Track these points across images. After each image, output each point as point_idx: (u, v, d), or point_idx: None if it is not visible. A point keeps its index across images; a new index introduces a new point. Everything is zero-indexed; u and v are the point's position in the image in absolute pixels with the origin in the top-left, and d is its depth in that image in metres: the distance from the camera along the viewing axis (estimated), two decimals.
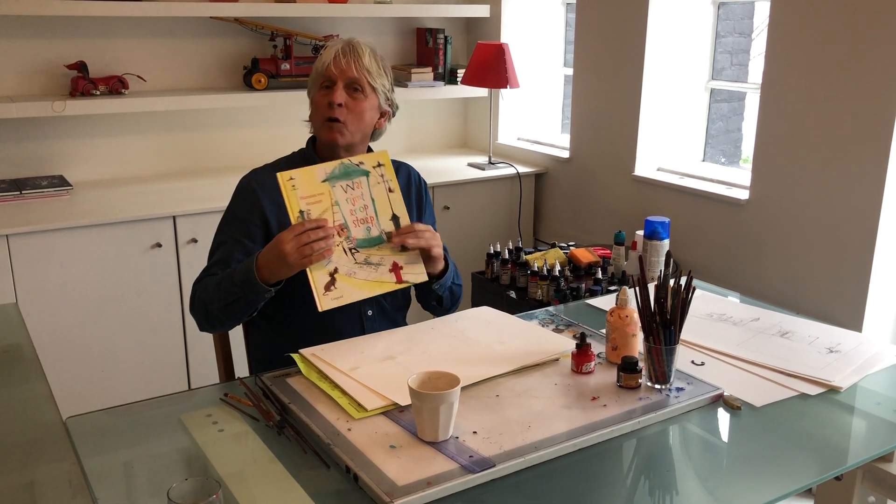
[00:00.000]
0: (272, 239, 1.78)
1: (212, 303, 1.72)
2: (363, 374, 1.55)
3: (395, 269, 1.66)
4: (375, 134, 1.92)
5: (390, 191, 1.72)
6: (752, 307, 2.00)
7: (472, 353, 1.66)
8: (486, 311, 1.89)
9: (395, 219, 1.70)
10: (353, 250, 1.66)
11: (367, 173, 1.71)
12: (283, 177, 1.63)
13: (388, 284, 1.66)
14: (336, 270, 1.63)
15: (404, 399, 1.43)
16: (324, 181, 1.67)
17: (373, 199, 1.70)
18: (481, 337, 1.74)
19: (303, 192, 1.64)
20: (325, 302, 1.61)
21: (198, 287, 1.78)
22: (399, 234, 1.71)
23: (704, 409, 1.50)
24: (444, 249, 2.05)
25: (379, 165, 1.73)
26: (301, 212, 1.63)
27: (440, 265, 1.80)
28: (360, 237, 1.67)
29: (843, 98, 2.53)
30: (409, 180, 1.98)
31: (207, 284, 1.75)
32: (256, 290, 1.65)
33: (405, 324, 1.96)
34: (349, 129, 1.82)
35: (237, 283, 1.67)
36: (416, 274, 1.70)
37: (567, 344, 1.68)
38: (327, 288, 1.61)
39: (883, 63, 2.41)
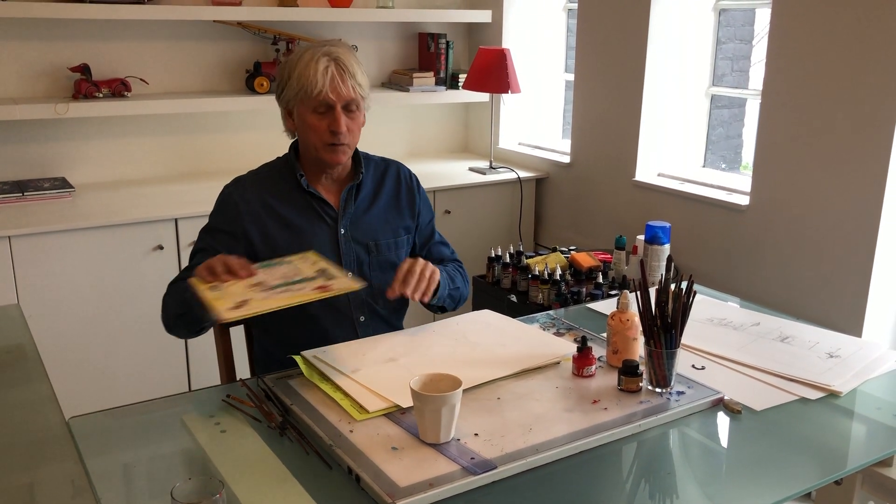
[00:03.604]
0: (256, 252, 1.80)
1: (168, 308, 1.76)
2: (365, 375, 1.55)
3: (322, 287, 1.55)
4: None
5: (314, 263, 1.69)
6: (752, 312, 2.00)
7: (474, 355, 1.67)
8: (487, 315, 1.89)
9: (322, 270, 1.63)
10: (271, 289, 1.58)
11: (290, 263, 1.71)
12: (203, 286, 1.62)
13: (311, 294, 1.53)
14: (248, 299, 1.53)
15: (406, 401, 1.43)
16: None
17: (297, 267, 1.67)
18: (482, 340, 1.74)
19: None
20: (226, 314, 1.48)
21: (167, 290, 1.80)
22: (396, 284, 1.69)
23: (705, 413, 1.50)
24: (451, 250, 2.06)
25: (304, 256, 1.72)
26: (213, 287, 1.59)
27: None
28: (276, 283, 1.60)
29: (843, 105, 2.54)
30: (398, 181, 1.97)
31: (170, 291, 1.78)
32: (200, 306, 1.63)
33: (402, 328, 1.96)
34: (350, 147, 1.83)
35: (187, 299, 1.66)
36: (348, 285, 1.57)
37: (568, 347, 1.69)
38: (237, 307, 1.51)
39: (883, 70, 2.42)
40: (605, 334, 1.69)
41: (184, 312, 1.70)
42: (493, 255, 3.12)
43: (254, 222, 1.81)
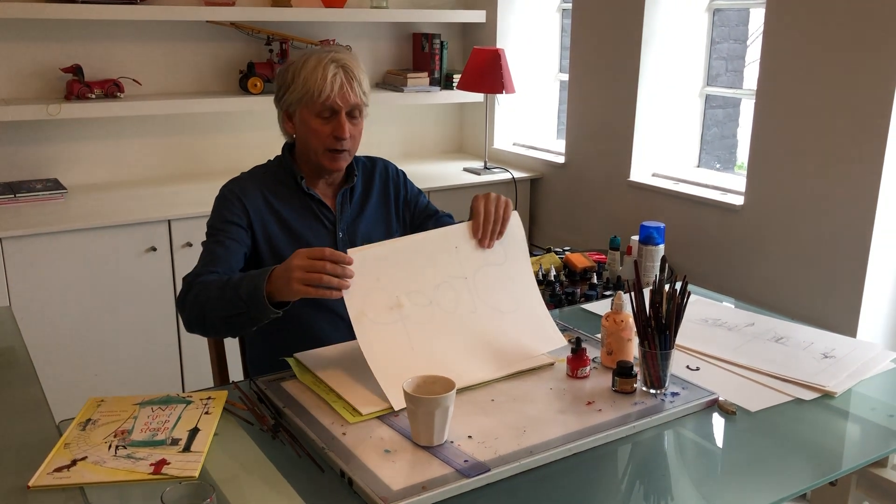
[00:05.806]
0: (258, 251, 1.79)
1: (212, 310, 1.60)
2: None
3: (161, 463, 1.32)
4: None
5: (206, 413, 1.48)
6: (746, 312, 2.00)
7: (472, 341, 1.61)
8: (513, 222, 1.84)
9: (194, 430, 1.42)
10: (121, 447, 1.37)
11: (188, 403, 1.52)
12: (93, 400, 1.54)
13: (138, 474, 1.29)
14: (85, 458, 1.33)
15: (399, 403, 1.43)
16: (136, 404, 1.52)
17: (179, 417, 1.46)
18: (484, 296, 1.67)
19: (105, 408, 1.50)
20: (40, 479, 1.26)
21: (195, 283, 1.64)
22: (480, 235, 1.80)
23: (699, 414, 1.50)
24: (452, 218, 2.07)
25: (209, 399, 1.53)
26: (89, 420, 1.45)
27: None
28: (138, 439, 1.39)
29: (837, 104, 2.54)
30: (385, 179, 1.97)
31: (208, 285, 1.61)
32: (261, 308, 1.52)
33: None
34: (351, 153, 1.83)
35: (243, 298, 1.54)
36: (189, 469, 1.30)
37: (563, 343, 1.68)
38: (59, 469, 1.29)
39: (877, 69, 2.42)
40: (599, 335, 1.69)
41: (236, 314, 1.56)
42: None
43: (257, 219, 1.80)
